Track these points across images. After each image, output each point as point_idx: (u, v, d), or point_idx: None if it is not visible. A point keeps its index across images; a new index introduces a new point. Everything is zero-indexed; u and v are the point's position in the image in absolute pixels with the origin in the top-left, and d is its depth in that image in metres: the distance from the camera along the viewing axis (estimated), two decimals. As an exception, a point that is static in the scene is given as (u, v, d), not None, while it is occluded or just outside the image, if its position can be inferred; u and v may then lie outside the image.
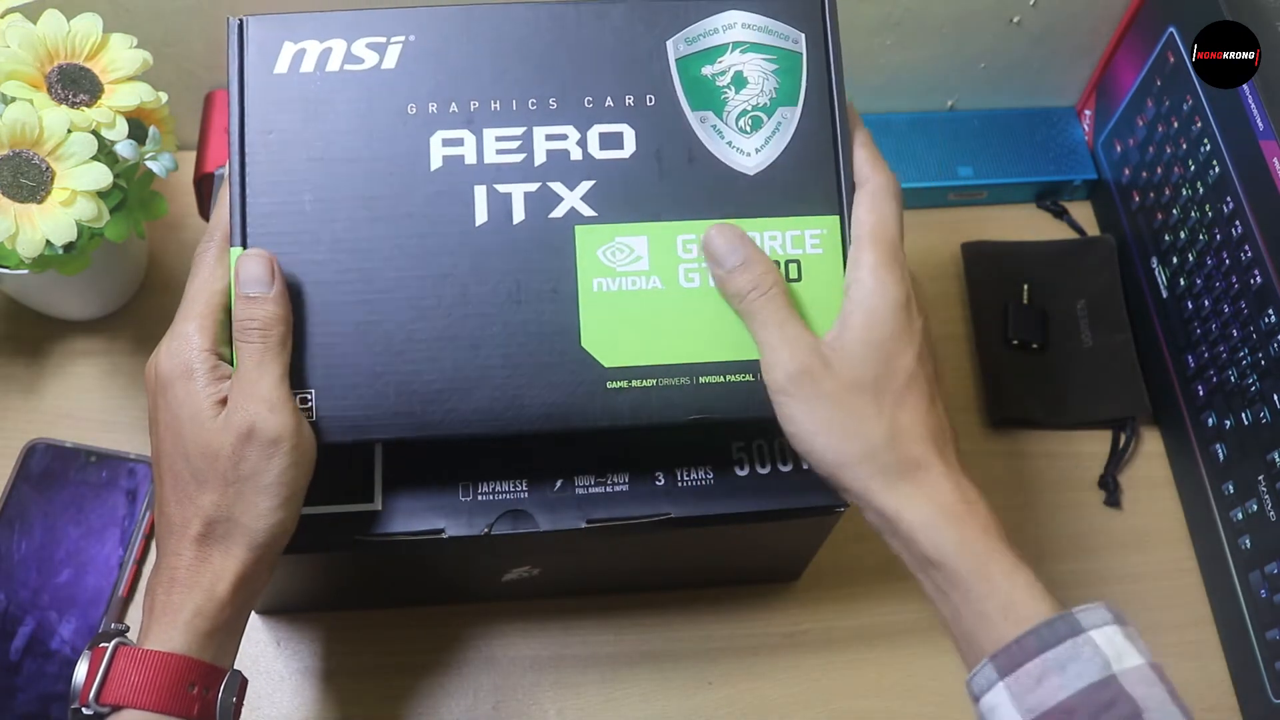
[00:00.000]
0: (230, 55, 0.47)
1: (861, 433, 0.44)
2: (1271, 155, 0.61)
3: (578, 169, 0.48)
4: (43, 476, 0.66)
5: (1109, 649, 0.41)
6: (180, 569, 0.44)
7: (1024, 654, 0.41)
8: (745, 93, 0.49)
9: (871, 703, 0.64)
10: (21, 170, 0.55)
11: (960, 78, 0.80)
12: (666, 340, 0.48)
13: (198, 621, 0.43)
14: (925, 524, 0.44)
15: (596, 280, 0.48)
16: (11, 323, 0.72)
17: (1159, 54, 0.72)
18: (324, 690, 0.63)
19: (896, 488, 0.44)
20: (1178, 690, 0.42)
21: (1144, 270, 0.75)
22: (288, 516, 0.45)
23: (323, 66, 0.47)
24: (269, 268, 0.45)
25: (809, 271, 0.48)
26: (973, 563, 0.43)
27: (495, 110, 0.48)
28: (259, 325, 0.45)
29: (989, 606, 0.42)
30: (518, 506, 0.51)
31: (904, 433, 0.45)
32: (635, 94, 0.48)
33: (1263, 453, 0.62)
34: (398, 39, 0.48)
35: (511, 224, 0.47)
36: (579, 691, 0.63)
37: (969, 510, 0.44)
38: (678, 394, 0.48)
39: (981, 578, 0.43)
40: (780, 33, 0.49)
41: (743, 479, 0.53)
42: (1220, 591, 0.67)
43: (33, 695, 0.60)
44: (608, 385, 0.47)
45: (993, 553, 0.43)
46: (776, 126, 0.49)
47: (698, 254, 0.48)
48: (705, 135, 0.49)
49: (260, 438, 0.43)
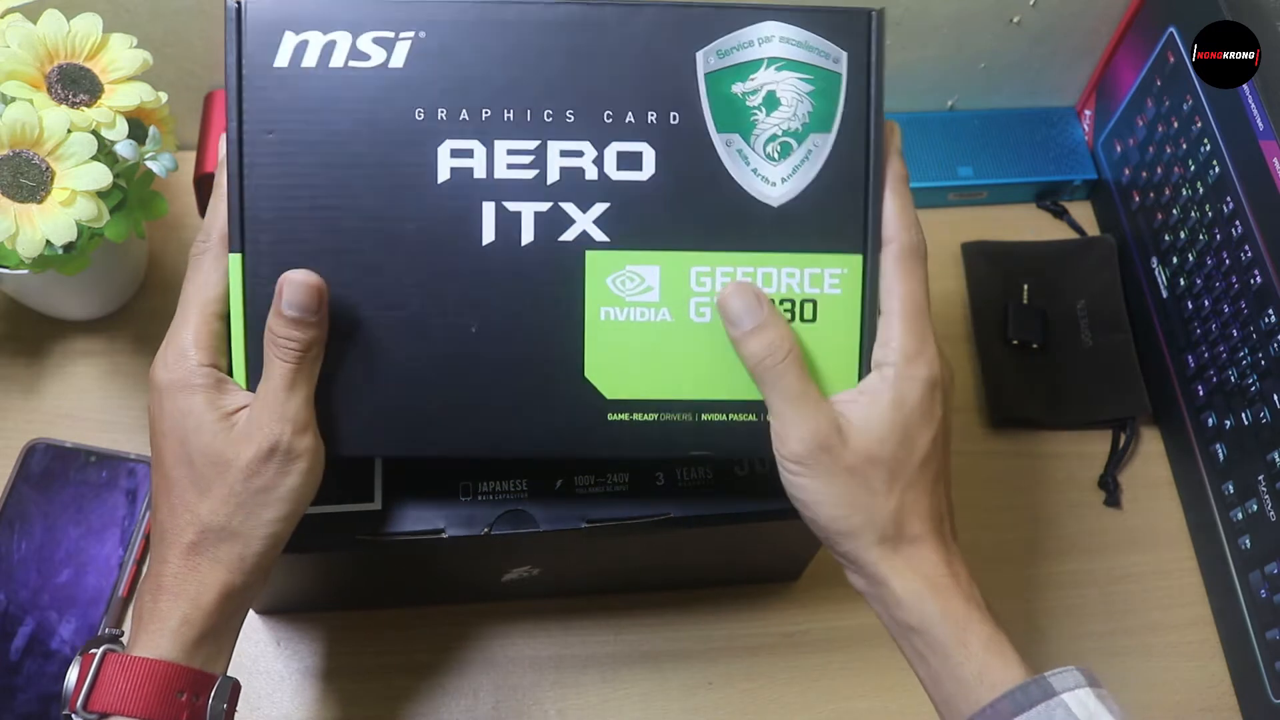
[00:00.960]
0: (228, 44, 0.44)
1: (870, 507, 0.45)
2: (1271, 155, 0.61)
3: (592, 190, 0.45)
4: (43, 476, 0.66)
5: (1081, 711, 0.42)
6: (167, 576, 0.44)
7: (998, 717, 0.42)
8: (776, 115, 0.46)
9: (871, 703, 0.64)
10: (21, 170, 0.55)
11: (960, 78, 0.80)
12: (671, 375, 0.46)
13: (185, 629, 0.43)
14: (912, 593, 0.45)
15: (604, 309, 0.46)
16: (11, 323, 0.72)
17: (1159, 54, 0.72)
18: (324, 690, 0.63)
19: (890, 559, 0.45)
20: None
21: (1144, 270, 0.75)
22: (285, 530, 0.45)
23: (326, 62, 0.44)
24: (317, 297, 0.43)
25: (825, 313, 0.46)
26: (955, 632, 0.44)
27: (508, 120, 0.45)
28: (298, 346, 0.43)
29: (966, 672, 0.44)
30: (518, 506, 0.51)
31: (908, 511, 0.45)
32: (658, 110, 0.45)
33: (1263, 453, 0.62)
34: (407, 35, 0.45)
35: (519, 245, 0.45)
36: (579, 691, 0.63)
37: (954, 582, 0.45)
38: (679, 430, 0.47)
39: (960, 645, 0.44)
40: (821, 50, 0.46)
41: (743, 479, 0.53)
42: (1220, 591, 0.67)
43: (33, 695, 0.60)
44: (608, 417, 0.46)
45: (972, 623, 0.44)
46: (806, 155, 0.46)
47: (710, 288, 0.46)
48: (730, 161, 0.46)
49: (281, 456, 0.43)
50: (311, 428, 0.44)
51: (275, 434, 0.43)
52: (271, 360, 0.44)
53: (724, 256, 0.46)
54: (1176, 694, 0.66)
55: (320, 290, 0.44)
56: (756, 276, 0.46)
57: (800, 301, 0.46)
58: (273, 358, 0.44)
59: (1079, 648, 0.67)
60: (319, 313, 0.44)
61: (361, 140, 0.45)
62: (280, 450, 0.43)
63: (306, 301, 0.43)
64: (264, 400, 0.44)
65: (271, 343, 0.44)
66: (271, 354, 0.44)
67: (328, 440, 0.46)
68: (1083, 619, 0.68)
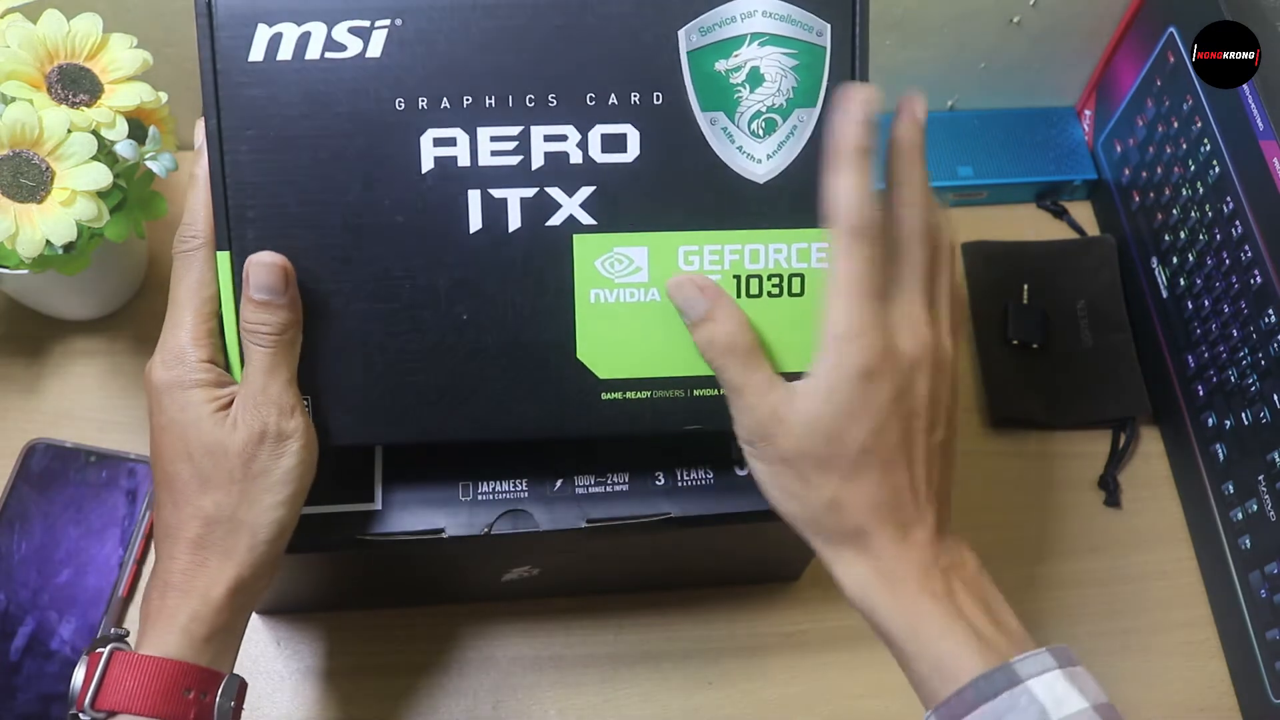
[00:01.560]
0: (200, 39, 0.44)
1: (803, 497, 0.44)
2: (1271, 155, 0.61)
3: (577, 174, 0.45)
4: (43, 476, 0.66)
5: (1047, 698, 0.41)
6: (175, 573, 0.44)
7: (963, 706, 0.41)
8: (760, 92, 0.46)
9: (871, 703, 0.64)
10: (21, 170, 0.55)
11: (960, 78, 0.80)
12: (662, 353, 0.47)
13: (193, 626, 0.43)
14: (857, 584, 0.44)
15: (594, 292, 0.46)
16: (11, 323, 0.72)
17: (1159, 54, 0.72)
18: (324, 690, 0.63)
19: (838, 552, 0.45)
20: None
21: (1144, 270, 0.75)
22: (288, 515, 0.45)
23: (302, 54, 0.44)
24: (282, 277, 0.44)
25: (812, 287, 0.46)
26: (906, 623, 0.43)
27: (490, 107, 0.45)
28: (271, 330, 0.44)
29: (922, 667, 0.43)
30: (518, 506, 0.51)
31: (846, 505, 0.44)
32: (641, 91, 0.45)
33: (1263, 453, 0.62)
34: (383, 23, 0.44)
35: (507, 232, 0.45)
36: (579, 691, 0.63)
37: (911, 572, 0.44)
38: (672, 406, 0.47)
39: (914, 637, 0.43)
40: (804, 23, 0.45)
41: (743, 479, 0.53)
42: (1220, 591, 0.67)
43: (33, 695, 0.60)
44: (602, 396, 0.47)
45: (924, 613, 0.43)
46: (791, 130, 0.46)
47: (699, 266, 0.46)
48: (714, 139, 0.46)
49: (272, 439, 0.44)
50: (298, 409, 0.45)
51: (263, 418, 0.43)
52: (249, 348, 0.44)
53: (711, 235, 0.46)
54: (1176, 694, 0.66)
55: (285, 269, 0.44)
56: (744, 253, 0.46)
57: (788, 276, 0.47)
58: (250, 345, 0.44)
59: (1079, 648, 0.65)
60: (287, 293, 0.44)
61: (343, 133, 0.45)
62: (270, 434, 0.44)
63: (273, 283, 0.44)
64: (248, 388, 0.44)
65: (246, 331, 0.44)
66: (248, 342, 0.44)
67: (324, 432, 0.46)
68: (1083, 619, 0.67)
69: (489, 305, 0.46)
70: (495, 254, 0.46)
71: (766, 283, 0.47)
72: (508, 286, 0.46)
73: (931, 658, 0.43)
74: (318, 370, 0.46)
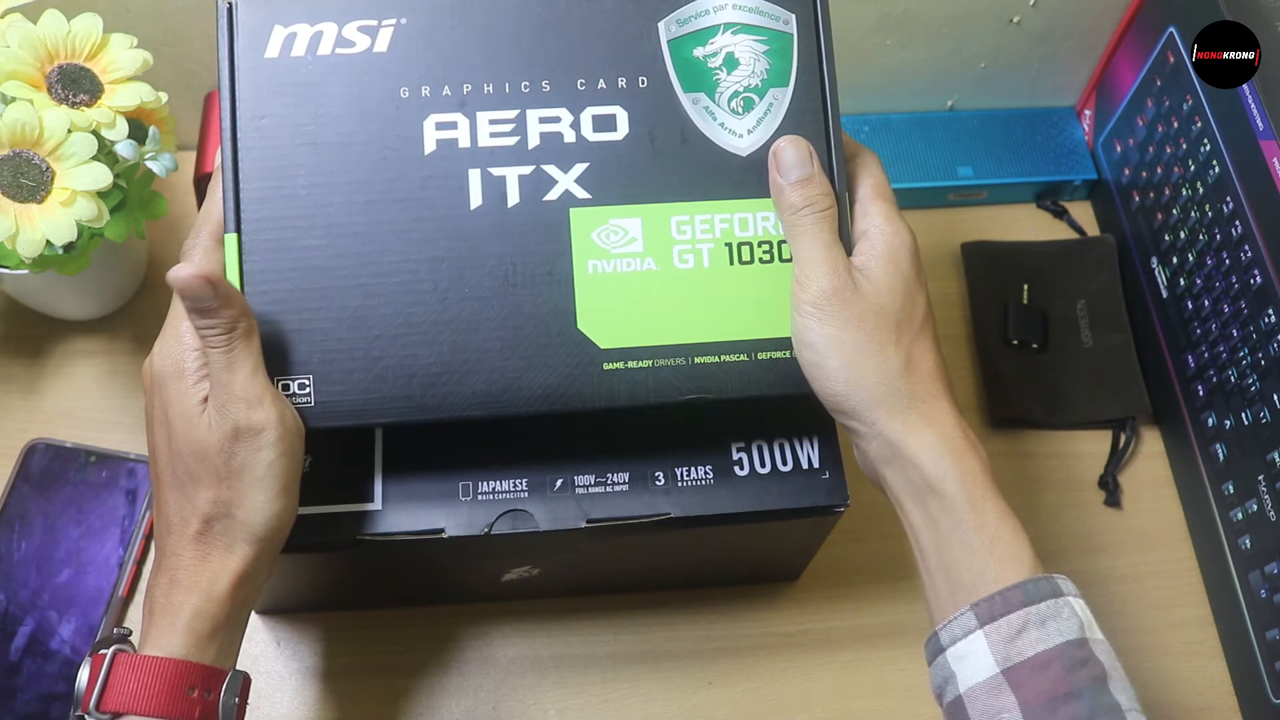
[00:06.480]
0: (220, 41, 0.47)
1: (881, 357, 0.46)
2: (1271, 155, 0.61)
3: (571, 151, 0.48)
4: (43, 476, 0.66)
5: (1084, 615, 0.44)
6: (180, 569, 0.44)
7: (1007, 605, 0.43)
8: (737, 74, 0.49)
9: (871, 703, 0.64)
10: (21, 170, 0.55)
11: (960, 78, 0.80)
12: (661, 321, 0.48)
13: (197, 624, 0.44)
14: (930, 450, 0.45)
15: (591, 262, 0.48)
16: (11, 323, 0.72)
17: (1159, 54, 0.72)
18: (324, 690, 0.63)
19: (905, 415, 0.46)
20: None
21: (1144, 270, 0.75)
22: (285, 507, 0.45)
23: (314, 50, 0.47)
24: (204, 285, 0.43)
25: None
26: (971, 493, 0.45)
27: (488, 93, 0.48)
28: (219, 331, 0.44)
29: (978, 540, 0.44)
30: (518, 506, 0.51)
31: (917, 365, 0.46)
32: (627, 76, 0.49)
33: (1263, 453, 0.62)
34: (389, 22, 0.48)
35: (506, 207, 0.48)
36: (579, 691, 0.63)
37: (971, 447, 0.46)
38: (673, 374, 0.48)
39: (976, 510, 0.44)
40: (770, 13, 0.50)
41: (743, 479, 0.53)
42: (1220, 591, 0.67)
43: (33, 695, 0.60)
44: (604, 366, 0.48)
45: (989, 491, 0.45)
46: (768, 108, 0.49)
47: (691, 235, 0.48)
48: (697, 117, 0.49)
49: (246, 435, 0.44)
50: (266, 399, 0.44)
51: (233, 416, 0.44)
52: (205, 352, 0.45)
53: (701, 205, 0.49)
54: (1176, 694, 0.66)
55: (202, 279, 0.43)
56: (733, 222, 0.49)
57: (777, 243, 0.49)
58: (207, 350, 0.44)
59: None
60: (216, 297, 0.43)
61: (350, 120, 0.47)
62: (243, 429, 0.44)
63: (196, 292, 0.43)
64: (215, 388, 0.44)
65: (200, 339, 0.44)
66: (205, 346, 0.44)
67: (330, 412, 0.47)
68: (1083, 619, 0.67)
69: (490, 279, 0.47)
70: (496, 228, 0.48)
71: (757, 249, 0.49)
72: (508, 260, 0.47)
73: (991, 532, 0.44)
74: (319, 350, 0.47)
